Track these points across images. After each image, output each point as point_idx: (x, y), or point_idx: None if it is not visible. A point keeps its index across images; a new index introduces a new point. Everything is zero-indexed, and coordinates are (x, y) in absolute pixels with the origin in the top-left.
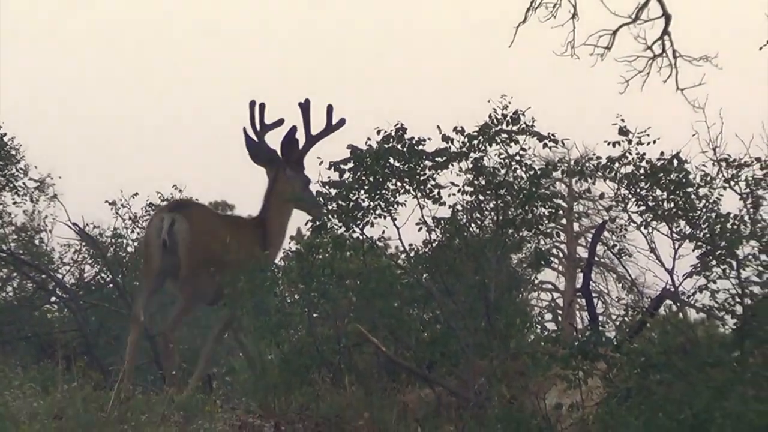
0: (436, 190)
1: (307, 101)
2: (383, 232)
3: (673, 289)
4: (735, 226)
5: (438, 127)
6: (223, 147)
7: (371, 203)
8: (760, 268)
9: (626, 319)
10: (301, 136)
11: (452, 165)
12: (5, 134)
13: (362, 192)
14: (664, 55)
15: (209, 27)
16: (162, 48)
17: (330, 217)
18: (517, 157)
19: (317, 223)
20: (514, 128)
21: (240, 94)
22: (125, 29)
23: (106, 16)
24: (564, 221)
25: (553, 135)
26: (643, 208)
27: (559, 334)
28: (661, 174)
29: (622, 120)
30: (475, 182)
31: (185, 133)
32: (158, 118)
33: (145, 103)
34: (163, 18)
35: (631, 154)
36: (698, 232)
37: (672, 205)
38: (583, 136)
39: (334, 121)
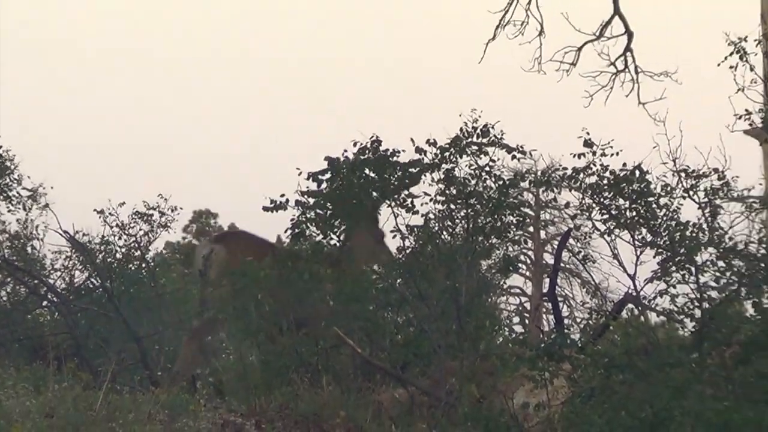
0: (409, 200)
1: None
2: None
3: (634, 294)
4: (694, 234)
5: (411, 139)
6: (207, 158)
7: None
8: (718, 274)
9: (590, 322)
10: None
11: (425, 175)
12: (1, 146)
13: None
14: (627, 70)
15: (197, 41)
16: (148, 62)
17: (308, 224)
18: (487, 168)
19: (297, 231)
20: (484, 141)
21: (222, 109)
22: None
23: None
24: (531, 229)
25: (521, 147)
26: (606, 216)
27: (526, 336)
28: (624, 184)
29: (587, 133)
30: (447, 192)
31: (171, 145)
32: (145, 131)
33: (133, 116)
34: (145, 32)
35: (595, 165)
36: (659, 239)
37: (634, 213)
38: (550, 148)
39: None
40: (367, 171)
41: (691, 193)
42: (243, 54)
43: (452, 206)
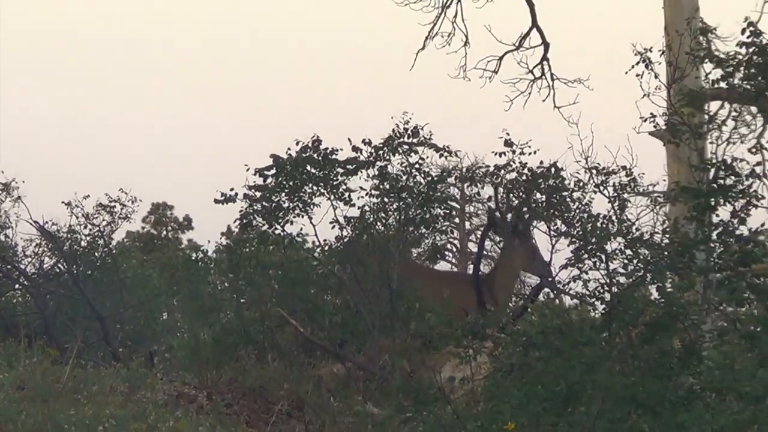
0: (347, 194)
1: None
2: (301, 229)
3: (550, 279)
4: (604, 225)
5: (349, 139)
6: (164, 151)
7: (291, 204)
8: (626, 261)
9: (510, 304)
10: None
11: (361, 172)
12: None
13: (283, 195)
14: (543, 78)
15: (158, 37)
16: (117, 58)
17: (255, 216)
18: (417, 166)
19: (245, 221)
20: (414, 141)
21: (185, 102)
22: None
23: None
24: (457, 220)
25: (447, 146)
26: (524, 209)
27: (452, 317)
28: (541, 180)
29: (507, 134)
30: (381, 187)
31: (132, 140)
32: (107, 127)
33: (95, 112)
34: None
35: (514, 162)
36: (572, 230)
37: (550, 206)
38: (474, 148)
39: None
40: (308, 167)
41: (601, 188)
42: (195, 52)
43: (386, 200)
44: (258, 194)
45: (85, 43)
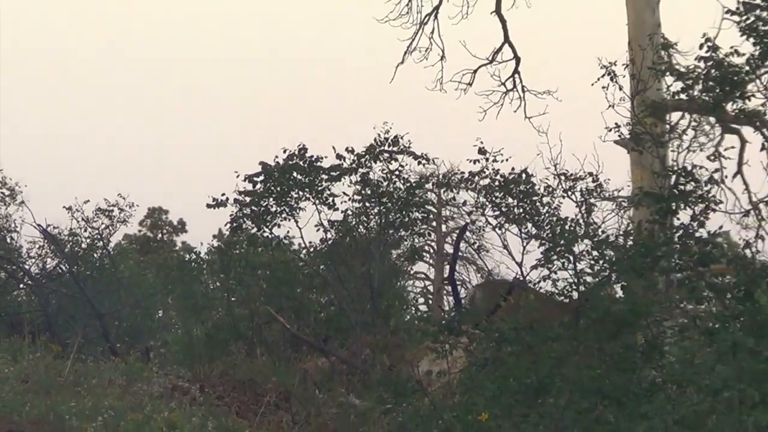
0: (331, 198)
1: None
2: (288, 232)
3: (521, 278)
4: (572, 228)
5: (333, 147)
6: (160, 159)
7: (278, 208)
8: (592, 262)
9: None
10: None
11: (344, 178)
12: None
13: (271, 200)
14: (515, 90)
15: (151, 43)
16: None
17: (245, 219)
18: (397, 172)
19: (235, 224)
20: (394, 149)
21: (180, 114)
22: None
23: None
24: (434, 223)
25: (425, 154)
26: (497, 213)
27: (429, 314)
28: (512, 185)
29: (481, 142)
30: (363, 192)
31: (130, 148)
32: (106, 136)
33: (95, 122)
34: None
35: (488, 169)
36: (542, 232)
37: (521, 210)
38: (450, 155)
39: None
40: (295, 174)
41: (569, 193)
42: (192, 60)
43: (367, 204)
44: (247, 199)
45: (85, 53)
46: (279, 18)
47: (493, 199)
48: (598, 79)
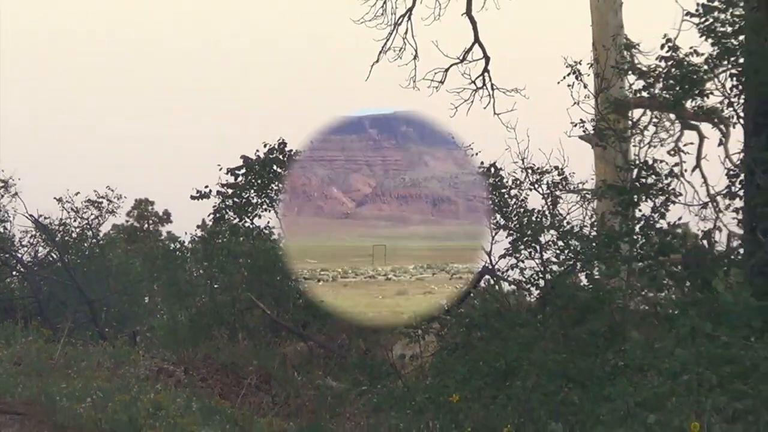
0: None
1: None
2: (268, 222)
3: (490, 267)
4: (538, 219)
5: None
6: (147, 153)
7: (259, 200)
8: (558, 251)
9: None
10: None
11: None
12: None
13: (252, 191)
14: (485, 87)
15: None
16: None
17: (227, 210)
18: None
19: (218, 215)
20: None
21: (166, 109)
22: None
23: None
24: None
25: None
26: None
27: None
28: (482, 178)
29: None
30: None
31: (118, 142)
32: (96, 130)
33: (85, 116)
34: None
35: None
36: (510, 223)
37: (490, 202)
38: None
39: None
40: (275, 167)
41: (536, 185)
42: (177, 51)
43: None
44: (230, 191)
45: (72, 46)
46: (264, 12)
47: None
48: (564, 78)
